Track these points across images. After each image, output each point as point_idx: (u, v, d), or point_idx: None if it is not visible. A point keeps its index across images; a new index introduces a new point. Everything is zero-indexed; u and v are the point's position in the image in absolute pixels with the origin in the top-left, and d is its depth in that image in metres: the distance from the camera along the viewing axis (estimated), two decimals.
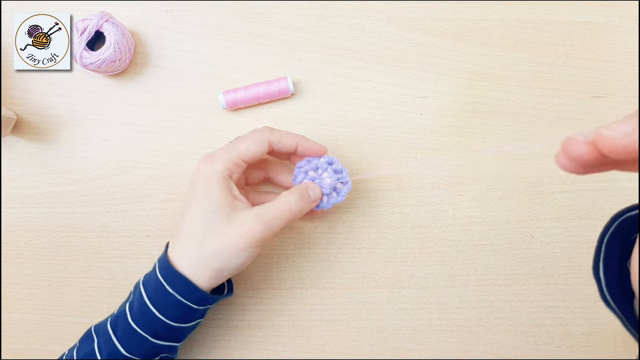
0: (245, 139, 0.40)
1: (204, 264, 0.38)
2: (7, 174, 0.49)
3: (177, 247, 0.40)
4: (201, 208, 0.39)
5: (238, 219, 0.38)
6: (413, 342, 0.48)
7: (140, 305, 0.39)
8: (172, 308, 0.39)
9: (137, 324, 0.39)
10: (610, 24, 0.50)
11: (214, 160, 0.39)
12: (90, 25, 0.45)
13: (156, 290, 0.39)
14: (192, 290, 0.38)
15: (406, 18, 0.49)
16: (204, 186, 0.39)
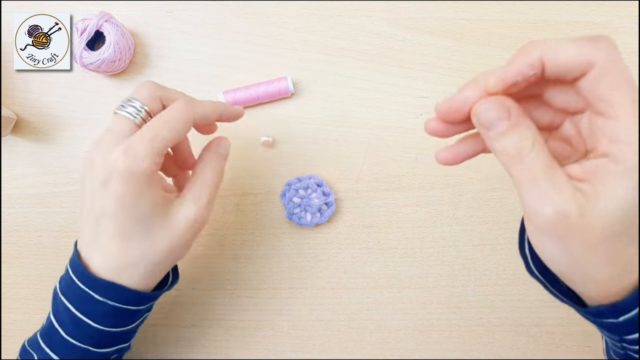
0: (166, 122, 0.33)
1: (150, 270, 0.35)
2: (7, 174, 0.49)
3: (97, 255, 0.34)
4: (129, 212, 0.32)
5: (174, 213, 0.34)
6: (413, 342, 0.48)
7: (70, 318, 0.35)
8: (107, 315, 0.35)
9: (74, 338, 0.35)
10: (610, 24, 0.50)
11: (137, 157, 0.31)
12: (90, 25, 0.45)
13: (84, 300, 0.35)
14: (124, 293, 0.34)
15: (406, 18, 0.49)
16: (133, 189, 0.32)
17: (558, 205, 0.25)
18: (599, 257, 0.26)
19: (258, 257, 0.48)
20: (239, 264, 0.48)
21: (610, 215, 0.25)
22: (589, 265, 0.27)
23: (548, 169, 0.25)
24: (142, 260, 0.34)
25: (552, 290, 0.32)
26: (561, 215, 0.25)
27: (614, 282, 0.27)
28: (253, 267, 0.48)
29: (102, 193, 0.32)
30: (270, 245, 0.48)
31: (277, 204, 0.49)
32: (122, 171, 0.31)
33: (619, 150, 0.24)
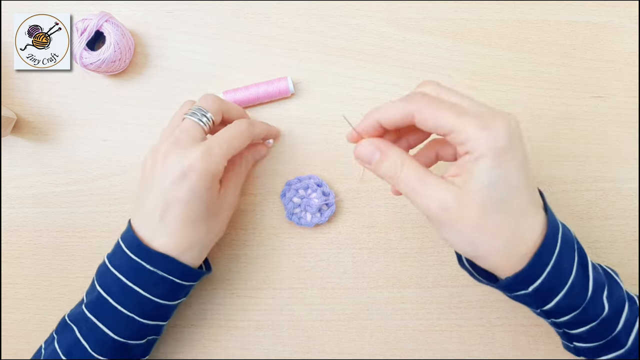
0: (236, 134, 0.40)
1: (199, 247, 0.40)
2: (7, 174, 0.49)
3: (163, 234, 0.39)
4: (200, 201, 0.38)
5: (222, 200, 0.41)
6: (413, 342, 0.48)
7: (121, 288, 0.39)
8: (156, 285, 0.39)
9: (123, 306, 0.39)
10: (610, 24, 0.50)
11: (214, 159, 0.38)
12: (90, 25, 0.45)
13: (136, 270, 0.39)
14: (176, 266, 0.39)
15: (406, 18, 0.49)
16: (206, 184, 0.38)
17: (437, 201, 0.31)
18: (486, 233, 0.31)
19: (258, 257, 0.48)
20: (239, 264, 0.48)
21: (478, 194, 0.30)
22: (481, 243, 0.32)
23: (421, 177, 0.32)
24: (202, 240, 0.40)
25: (476, 276, 0.37)
26: (443, 207, 0.31)
27: (509, 253, 0.32)
28: (253, 267, 0.48)
29: (179, 184, 0.37)
30: (270, 245, 0.48)
31: (277, 204, 0.49)
32: (200, 169, 0.37)
33: (469, 145, 0.30)
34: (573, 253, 0.34)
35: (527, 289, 0.33)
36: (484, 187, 0.30)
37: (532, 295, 0.34)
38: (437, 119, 0.31)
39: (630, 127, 0.49)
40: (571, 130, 0.49)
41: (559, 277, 0.33)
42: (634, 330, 0.36)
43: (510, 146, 0.30)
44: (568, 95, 0.49)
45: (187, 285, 0.41)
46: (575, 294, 0.34)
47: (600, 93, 0.49)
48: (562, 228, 0.34)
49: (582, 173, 0.49)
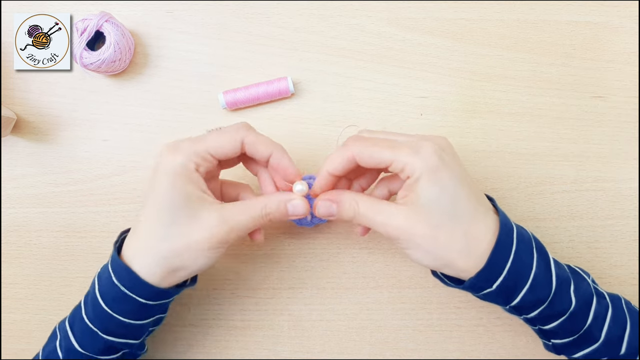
0: (218, 134, 0.37)
1: (161, 262, 0.36)
2: (7, 174, 0.49)
3: (134, 241, 0.37)
4: (165, 202, 0.35)
5: (202, 217, 0.35)
6: (413, 342, 0.48)
7: (92, 299, 0.37)
8: (120, 302, 0.36)
9: (89, 319, 0.37)
10: (610, 24, 0.50)
11: (178, 151, 0.36)
12: (90, 25, 0.45)
13: (107, 283, 0.37)
14: (140, 285, 0.36)
15: (406, 18, 0.49)
16: (168, 180, 0.35)
17: (392, 224, 0.35)
18: (440, 242, 0.34)
19: (258, 257, 0.48)
20: (239, 264, 0.48)
21: (424, 209, 0.34)
22: (438, 252, 0.35)
23: (375, 207, 0.36)
24: (156, 247, 0.36)
25: (447, 282, 0.40)
26: (398, 228, 0.35)
27: (467, 257, 0.35)
28: (253, 267, 0.48)
29: (150, 180, 0.37)
30: (270, 245, 0.48)
31: None
32: (162, 163, 0.36)
33: (407, 170, 0.34)
34: (531, 249, 0.36)
35: (491, 287, 0.35)
36: (427, 203, 0.34)
37: (498, 293, 0.36)
38: (374, 156, 0.35)
39: (630, 127, 0.49)
40: (571, 130, 0.49)
41: (520, 271, 0.35)
42: (605, 323, 0.37)
43: (441, 164, 0.34)
44: (568, 95, 0.49)
45: (150, 304, 0.37)
46: (539, 288, 0.35)
47: (600, 93, 0.49)
48: (517, 228, 0.37)
49: (582, 173, 0.49)
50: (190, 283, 0.41)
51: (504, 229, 0.35)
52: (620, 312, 0.37)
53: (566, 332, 0.37)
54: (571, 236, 0.48)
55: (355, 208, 0.37)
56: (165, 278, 0.36)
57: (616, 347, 0.36)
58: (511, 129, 0.49)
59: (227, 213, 0.36)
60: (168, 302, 0.39)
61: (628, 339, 0.36)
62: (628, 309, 0.38)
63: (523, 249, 0.36)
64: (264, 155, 0.38)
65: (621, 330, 0.37)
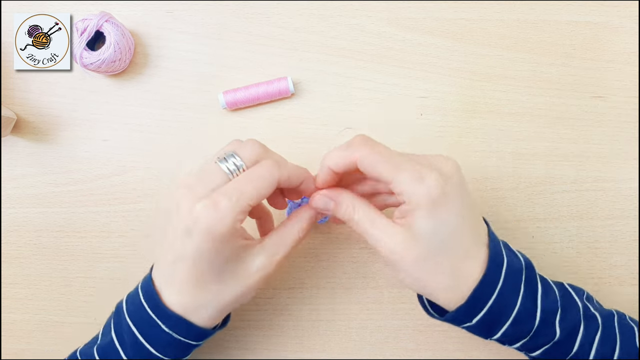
0: (252, 181, 0.34)
1: (218, 315, 0.36)
2: (7, 174, 0.49)
3: (171, 290, 0.36)
4: (206, 262, 0.34)
5: (250, 263, 0.36)
6: (413, 342, 0.48)
7: (133, 342, 0.36)
8: (169, 345, 0.36)
9: None
10: (610, 24, 0.50)
11: (220, 211, 0.32)
12: (90, 25, 0.45)
13: (151, 327, 0.36)
14: (192, 330, 0.36)
15: (406, 18, 0.49)
16: (213, 245, 0.33)
17: (386, 245, 0.34)
18: (428, 273, 0.34)
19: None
20: None
21: (418, 239, 0.33)
22: (426, 281, 0.34)
23: (372, 219, 0.35)
24: (212, 302, 0.36)
25: (429, 311, 0.39)
26: (391, 251, 0.34)
27: (452, 290, 0.34)
28: None
29: (183, 240, 0.33)
30: None
31: None
32: (204, 227, 0.32)
33: (406, 197, 0.33)
34: (519, 284, 0.35)
35: (470, 322, 0.35)
36: (421, 234, 0.33)
37: (477, 327, 0.36)
38: (376, 168, 0.34)
39: (630, 127, 0.49)
40: (571, 130, 0.49)
41: (502, 309, 0.35)
42: (593, 347, 0.36)
43: (443, 196, 0.32)
44: (568, 95, 0.49)
45: (200, 344, 0.39)
46: (522, 323, 0.35)
47: (600, 93, 0.49)
48: (509, 259, 0.36)
49: (582, 173, 0.49)
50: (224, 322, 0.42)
51: (492, 266, 0.34)
52: (611, 332, 0.37)
53: (553, 355, 0.37)
54: (571, 236, 0.48)
55: (351, 214, 0.36)
56: (215, 320, 0.37)
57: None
58: (511, 129, 0.49)
59: (271, 249, 0.37)
60: None
61: (618, 358, 0.36)
62: (620, 325, 0.38)
63: (509, 286, 0.35)
64: (294, 185, 0.37)
65: (611, 350, 0.36)
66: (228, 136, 0.47)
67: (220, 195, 0.33)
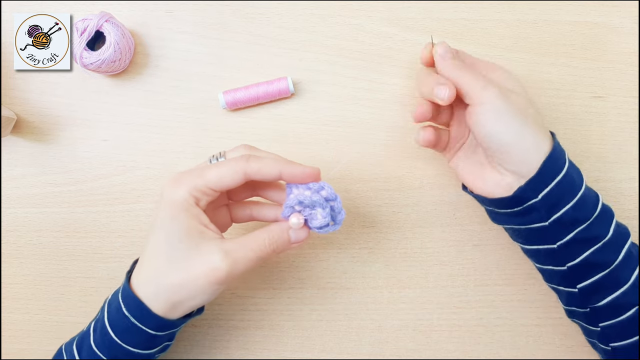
0: (218, 166, 0.36)
1: (162, 295, 0.36)
2: (7, 174, 0.49)
3: (139, 271, 0.37)
4: (166, 235, 0.35)
5: (204, 253, 0.35)
6: (413, 342, 0.48)
7: (101, 327, 0.37)
8: (129, 332, 0.36)
9: (97, 347, 0.37)
10: (610, 24, 0.50)
11: (179, 185, 0.35)
12: (90, 25, 0.45)
13: (117, 311, 0.37)
14: (147, 316, 0.36)
15: (406, 18, 0.49)
16: (169, 212, 0.35)
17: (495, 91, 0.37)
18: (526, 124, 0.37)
19: None
20: None
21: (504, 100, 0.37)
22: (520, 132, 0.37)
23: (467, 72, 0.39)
24: (157, 280, 0.36)
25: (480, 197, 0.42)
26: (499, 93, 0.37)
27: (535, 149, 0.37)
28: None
29: (154, 212, 0.38)
30: None
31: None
32: (164, 196, 0.36)
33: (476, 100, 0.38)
34: (581, 175, 0.39)
35: (536, 197, 0.37)
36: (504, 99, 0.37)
37: (542, 202, 0.37)
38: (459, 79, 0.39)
39: (630, 127, 0.49)
40: (571, 130, 0.49)
41: (569, 186, 0.38)
42: (637, 267, 0.38)
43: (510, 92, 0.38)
44: (568, 95, 0.49)
45: (161, 334, 0.37)
46: (583, 208, 0.38)
47: (600, 93, 0.49)
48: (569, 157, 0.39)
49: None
50: (197, 312, 0.41)
51: (557, 148, 0.38)
52: None
53: (594, 266, 0.38)
54: None
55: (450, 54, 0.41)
56: (169, 310, 0.36)
57: None
58: None
59: (229, 249, 0.35)
60: (175, 331, 0.40)
61: None
62: None
63: (575, 171, 0.39)
64: (273, 175, 0.36)
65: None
66: (228, 136, 0.47)
67: (184, 173, 0.36)
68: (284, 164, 0.36)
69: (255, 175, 0.36)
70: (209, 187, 0.35)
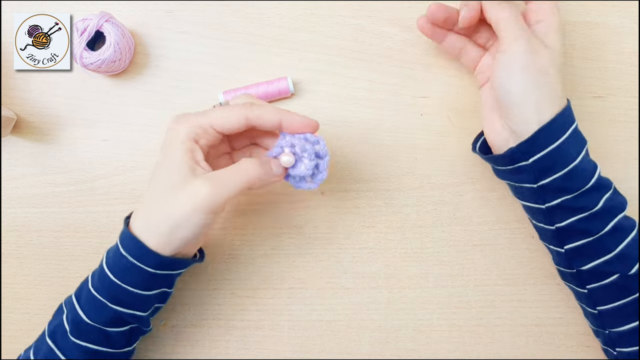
0: (222, 109, 0.38)
1: (153, 228, 0.37)
2: (7, 174, 0.49)
3: (136, 211, 0.39)
4: (161, 169, 0.37)
5: (190, 184, 0.36)
6: (413, 342, 0.48)
7: (100, 271, 0.39)
8: (127, 271, 0.37)
9: (96, 289, 0.38)
10: (610, 24, 0.50)
11: (181, 121, 0.37)
12: (90, 25, 0.45)
13: (114, 254, 0.38)
14: (145, 253, 0.37)
15: (406, 18, 0.49)
16: (167, 147, 0.37)
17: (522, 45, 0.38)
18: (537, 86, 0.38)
19: (258, 257, 0.48)
20: (239, 264, 0.48)
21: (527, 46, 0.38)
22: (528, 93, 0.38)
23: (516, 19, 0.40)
24: (148, 214, 0.37)
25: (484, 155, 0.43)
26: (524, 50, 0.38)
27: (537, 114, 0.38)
28: (253, 267, 0.48)
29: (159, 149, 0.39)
30: (270, 245, 0.48)
31: (277, 204, 0.49)
32: (167, 132, 0.38)
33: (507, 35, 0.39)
34: (582, 147, 0.39)
35: (527, 160, 0.38)
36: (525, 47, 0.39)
37: (531, 167, 0.38)
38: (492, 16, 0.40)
39: (630, 127, 0.49)
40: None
41: (561, 157, 0.38)
42: (625, 240, 0.38)
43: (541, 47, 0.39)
44: (568, 95, 0.49)
45: (160, 274, 0.38)
46: (572, 179, 0.38)
47: (600, 93, 0.49)
48: (576, 128, 0.39)
49: None
50: (199, 259, 0.42)
51: (563, 115, 0.38)
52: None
53: (580, 232, 0.39)
54: None
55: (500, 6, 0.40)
56: (162, 244, 0.37)
57: (629, 265, 0.38)
58: None
59: (211, 175, 0.36)
60: (175, 274, 0.40)
61: None
62: None
63: (573, 141, 0.38)
64: (273, 122, 0.38)
65: None
66: None
67: (189, 113, 0.38)
68: (284, 113, 0.38)
69: (257, 121, 0.37)
70: (211, 126, 0.37)
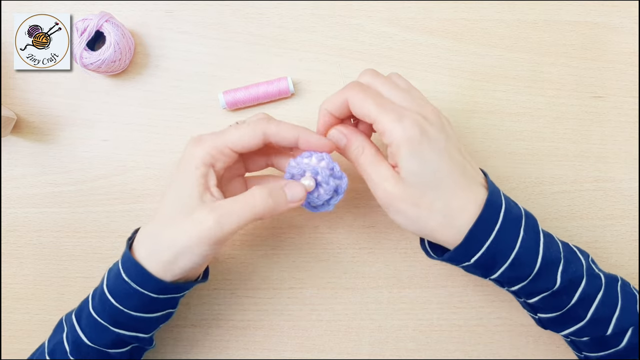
0: (238, 128, 0.37)
1: (155, 254, 0.36)
2: (7, 174, 0.49)
3: (143, 228, 0.38)
4: (171, 190, 0.37)
5: (195, 213, 0.35)
6: (413, 342, 0.48)
7: (100, 294, 0.38)
8: (129, 297, 0.37)
9: (97, 312, 0.38)
10: (610, 24, 0.50)
11: (198, 144, 0.37)
12: (90, 25, 0.45)
13: (116, 278, 0.37)
14: (147, 279, 0.36)
15: (406, 18, 0.49)
16: (181, 168, 0.37)
17: (382, 187, 0.36)
18: (422, 210, 0.35)
19: (258, 257, 0.48)
20: (239, 264, 0.48)
21: (407, 178, 0.35)
22: (420, 219, 0.35)
23: (375, 164, 0.37)
24: (152, 238, 0.37)
25: (430, 254, 0.40)
26: (386, 192, 0.36)
27: (449, 228, 0.35)
28: (253, 267, 0.48)
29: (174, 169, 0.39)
30: (270, 245, 0.48)
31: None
32: (185, 153, 0.37)
33: (388, 137, 0.35)
34: (518, 229, 0.36)
35: (469, 261, 0.36)
36: (408, 174, 0.35)
37: (476, 266, 0.37)
38: (362, 109, 0.36)
39: (630, 127, 0.49)
40: (571, 130, 0.49)
41: (501, 250, 0.35)
42: (594, 304, 0.37)
43: (423, 135, 0.34)
44: (568, 95, 0.49)
45: (162, 298, 0.37)
46: (520, 267, 0.36)
47: (600, 93, 0.49)
48: (507, 205, 0.36)
49: (582, 173, 0.49)
50: (202, 279, 0.42)
51: (489, 204, 0.35)
52: (613, 294, 0.38)
53: (549, 307, 0.38)
54: (571, 236, 0.48)
55: (358, 156, 0.38)
56: (163, 270, 0.36)
57: (603, 327, 0.37)
58: (511, 129, 0.49)
59: (218, 205, 0.35)
60: (178, 297, 0.40)
61: (616, 320, 0.37)
62: (623, 291, 0.38)
63: (508, 228, 0.35)
64: (290, 139, 0.37)
65: (610, 311, 0.37)
66: None
67: (207, 134, 0.38)
68: (301, 130, 0.38)
69: (274, 137, 0.37)
70: (228, 147, 0.37)
